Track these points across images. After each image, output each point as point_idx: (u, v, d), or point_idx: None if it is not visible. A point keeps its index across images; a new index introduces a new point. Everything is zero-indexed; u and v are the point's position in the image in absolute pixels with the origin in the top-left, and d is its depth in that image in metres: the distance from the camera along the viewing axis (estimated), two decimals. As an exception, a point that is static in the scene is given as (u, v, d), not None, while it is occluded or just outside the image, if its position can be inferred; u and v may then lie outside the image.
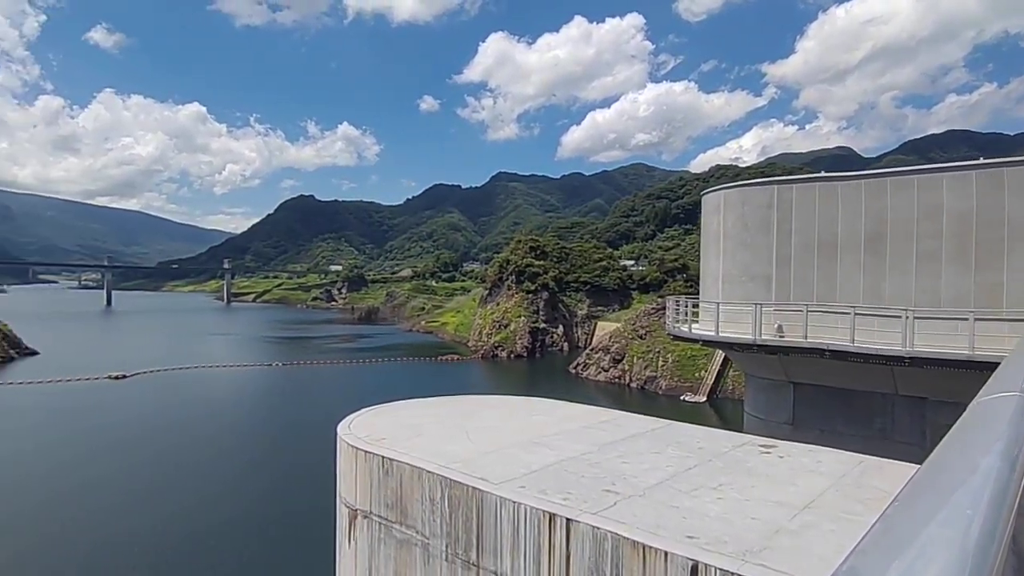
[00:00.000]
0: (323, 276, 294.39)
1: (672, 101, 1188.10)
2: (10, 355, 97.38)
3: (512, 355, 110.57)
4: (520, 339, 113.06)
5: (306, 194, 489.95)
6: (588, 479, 6.52)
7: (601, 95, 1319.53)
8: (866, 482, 6.61)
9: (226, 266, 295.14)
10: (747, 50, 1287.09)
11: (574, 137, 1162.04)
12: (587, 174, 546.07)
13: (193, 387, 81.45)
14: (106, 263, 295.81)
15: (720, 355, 73.77)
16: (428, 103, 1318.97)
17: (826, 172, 19.05)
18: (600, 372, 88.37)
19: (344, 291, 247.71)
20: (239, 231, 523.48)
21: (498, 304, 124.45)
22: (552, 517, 5.53)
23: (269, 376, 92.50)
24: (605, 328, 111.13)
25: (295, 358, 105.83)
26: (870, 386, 16.71)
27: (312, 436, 57.48)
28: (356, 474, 7.83)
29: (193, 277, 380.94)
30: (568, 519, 5.41)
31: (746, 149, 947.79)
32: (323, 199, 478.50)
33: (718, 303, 18.65)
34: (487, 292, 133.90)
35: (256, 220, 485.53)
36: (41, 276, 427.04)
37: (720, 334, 18.47)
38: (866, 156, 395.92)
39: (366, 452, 7.69)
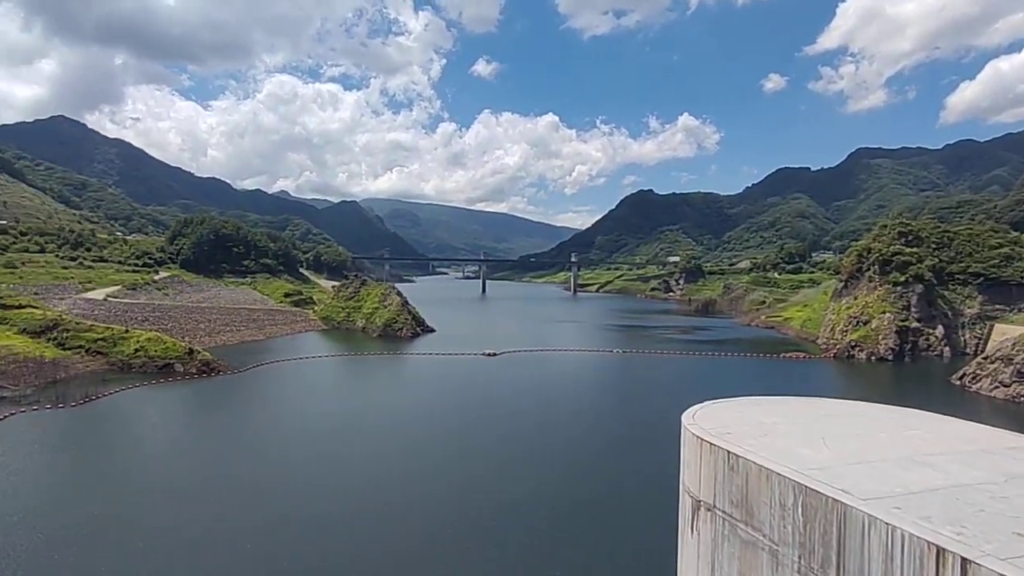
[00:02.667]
0: (661, 267, 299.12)
1: None
2: (417, 332, 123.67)
3: (873, 357, 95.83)
4: (884, 339, 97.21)
5: (645, 188, 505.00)
6: (991, 515, 5.33)
7: (1007, 38, 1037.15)
8: None
9: (573, 259, 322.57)
10: None
11: (965, 96, 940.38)
12: (982, 140, 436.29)
13: (548, 367, 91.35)
14: (482, 257, 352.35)
15: None
16: (773, 82, 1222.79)
17: None
18: (996, 387, 70.40)
19: (681, 282, 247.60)
20: (585, 227, 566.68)
21: (855, 298, 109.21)
22: (940, 552, 4.67)
23: (610, 362, 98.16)
24: (1006, 332, 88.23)
25: (634, 346, 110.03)
26: None
27: (652, 421, 59.32)
28: (700, 465, 7.82)
29: (546, 269, 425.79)
30: (965, 559, 4.50)
31: None
32: (661, 192, 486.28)
33: None
34: (842, 284, 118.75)
35: (600, 216, 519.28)
36: (437, 269, 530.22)
37: None
38: None
39: (711, 444, 7.61)
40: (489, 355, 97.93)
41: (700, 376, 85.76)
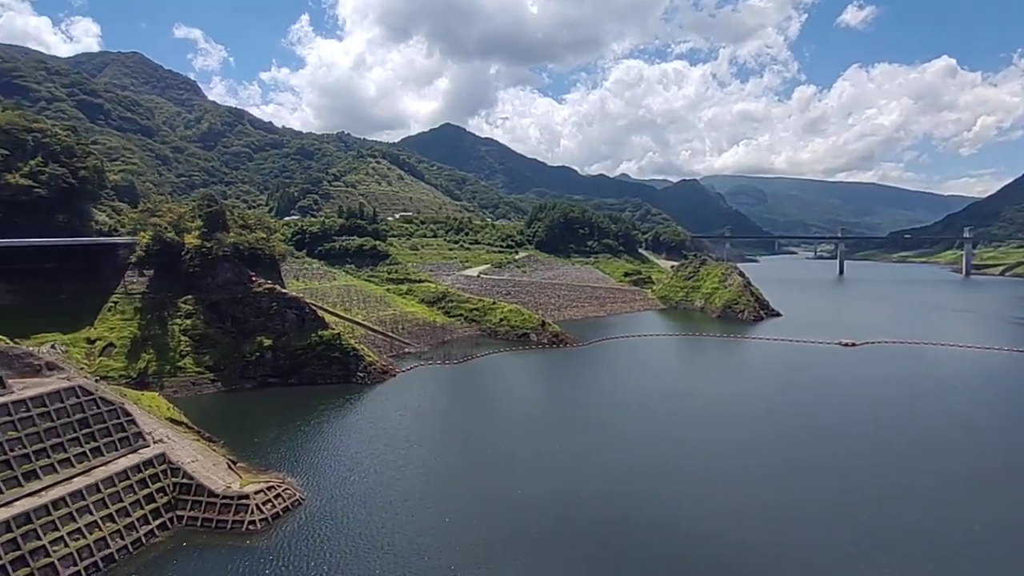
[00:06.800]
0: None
1: None
2: (760, 315, 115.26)
3: None
4: None
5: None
6: None
7: None
8: None
9: (966, 234, 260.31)
10: None
11: None
12: None
13: (925, 364, 75.74)
14: (839, 235, 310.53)
15: None
16: None
17: None
18: None
19: None
20: (986, 194, 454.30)
21: None
22: None
23: (1017, 364, 76.39)
24: None
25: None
26: None
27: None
28: None
29: (925, 247, 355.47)
30: None
31: None
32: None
33: None
34: None
35: (1009, 180, 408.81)
36: (785, 248, 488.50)
37: None
38: None
39: None
40: (846, 345, 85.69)
41: None
